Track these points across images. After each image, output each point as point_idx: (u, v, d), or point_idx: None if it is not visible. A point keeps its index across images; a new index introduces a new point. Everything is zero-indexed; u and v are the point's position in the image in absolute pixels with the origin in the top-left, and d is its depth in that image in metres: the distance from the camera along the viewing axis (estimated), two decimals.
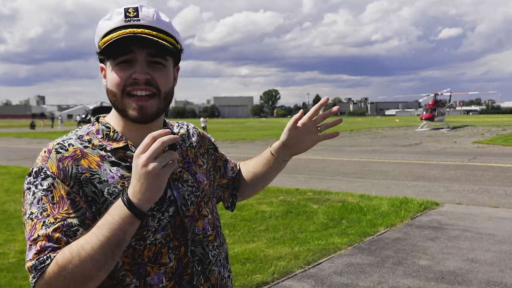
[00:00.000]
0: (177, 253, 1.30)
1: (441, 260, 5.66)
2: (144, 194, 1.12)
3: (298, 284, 4.92)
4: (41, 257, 1.11)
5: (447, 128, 44.68)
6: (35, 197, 1.18)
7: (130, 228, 1.12)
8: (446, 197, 9.85)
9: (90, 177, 1.21)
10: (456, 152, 19.92)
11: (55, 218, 1.15)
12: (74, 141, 1.27)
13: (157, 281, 1.26)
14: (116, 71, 1.26)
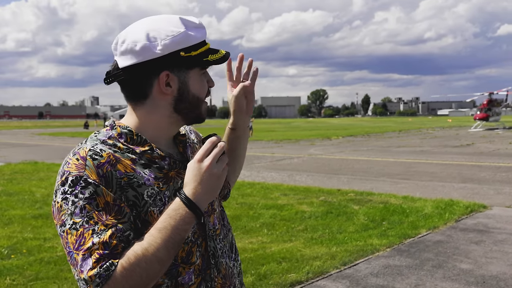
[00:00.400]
0: (201, 250, 1.35)
1: (484, 264, 5.48)
2: (206, 195, 1.21)
3: (332, 284, 4.89)
4: (104, 264, 1.12)
5: (502, 129, 43.03)
6: (76, 206, 1.17)
7: (189, 227, 1.20)
8: (495, 199, 9.50)
9: (128, 181, 1.23)
10: (510, 154, 19.16)
11: (105, 225, 1.16)
12: (103, 146, 1.26)
13: (187, 280, 1.31)
14: (203, 80, 1.37)
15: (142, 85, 1.30)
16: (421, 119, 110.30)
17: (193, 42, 1.30)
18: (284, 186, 11.26)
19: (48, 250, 6.08)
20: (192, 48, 1.30)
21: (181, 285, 1.29)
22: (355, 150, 22.45)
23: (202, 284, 1.34)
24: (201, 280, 1.33)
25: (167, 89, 1.29)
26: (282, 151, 22.04)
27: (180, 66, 1.30)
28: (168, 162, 1.32)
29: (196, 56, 1.30)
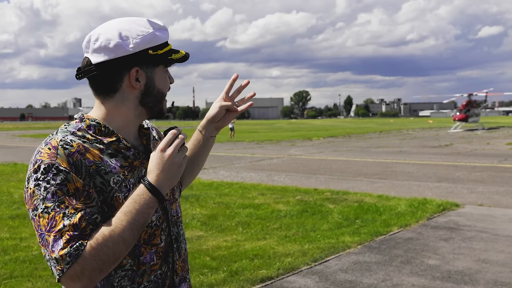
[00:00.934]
0: (166, 234, 1.46)
1: (451, 260, 5.64)
2: (168, 182, 1.33)
3: (302, 279, 5.00)
4: (74, 245, 1.21)
5: (482, 129, 43.73)
6: (48, 191, 1.25)
7: (152, 211, 1.31)
8: (468, 198, 9.72)
9: (96, 169, 1.32)
10: (487, 154, 19.53)
11: (75, 208, 1.25)
12: (73, 137, 1.35)
13: (149, 259, 1.41)
14: (165, 77, 1.49)
15: (113, 79, 1.39)
16: (402, 120, 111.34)
17: (159, 42, 1.42)
18: (262, 186, 11.36)
19: (23, 250, 6.09)
20: (158, 47, 1.42)
21: (143, 264, 1.39)
22: (335, 150, 22.66)
23: (163, 265, 1.44)
24: (162, 262, 1.44)
25: (136, 84, 1.40)
26: (263, 151, 22.15)
27: (148, 63, 1.41)
28: (133, 153, 1.42)
29: (162, 55, 1.42)
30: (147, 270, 1.40)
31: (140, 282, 1.39)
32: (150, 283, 1.41)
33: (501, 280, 4.95)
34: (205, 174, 13.97)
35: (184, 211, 8.36)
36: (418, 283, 4.89)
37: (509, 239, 6.53)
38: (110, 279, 1.36)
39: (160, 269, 1.44)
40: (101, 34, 1.38)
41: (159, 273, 1.43)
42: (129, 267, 1.37)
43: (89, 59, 1.39)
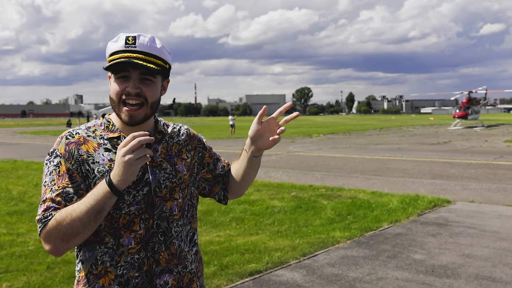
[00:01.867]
0: (146, 224, 1.63)
1: (436, 255, 5.79)
2: (121, 177, 1.48)
3: (289, 273, 5.15)
4: (46, 213, 1.52)
5: (481, 127, 43.83)
6: (49, 170, 1.61)
7: (109, 201, 1.50)
8: (460, 195, 9.86)
9: (86, 158, 1.60)
10: (483, 151, 19.66)
11: (58, 186, 1.56)
12: (82, 130, 1.67)
13: (127, 243, 1.61)
14: (117, 83, 1.62)
15: None
16: (404, 117, 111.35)
17: (109, 51, 1.65)
18: (258, 182, 11.51)
19: (20, 245, 6.25)
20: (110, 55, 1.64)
21: (121, 245, 1.61)
22: (333, 147, 22.80)
23: (141, 251, 1.62)
24: (141, 248, 1.62)
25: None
26: None
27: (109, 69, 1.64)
28: None
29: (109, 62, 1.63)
30: (124, 252, 1.60)
31: (117, 261, 1.60)
32: (127, 263, 1.61)
33: (482, 274, 5.09)
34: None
35: None
36: (401, 276, 5.03)
37: (495, 235, 6.67)
38: (94, 252, 1.62)
39: (138, 254, 1.61)
40: None
41: (136, 257, 1.61)
42: (110, 246, 1.60)
43: None
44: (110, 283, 1.61)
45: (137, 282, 1.62)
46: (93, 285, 1.63)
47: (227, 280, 4.88)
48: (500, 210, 8.39)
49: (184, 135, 1.82)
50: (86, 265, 1.64)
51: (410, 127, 48.71)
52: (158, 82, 1.66)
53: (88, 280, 1.64)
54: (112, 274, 1.61)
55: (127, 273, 1.61)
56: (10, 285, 4.76)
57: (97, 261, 1.62)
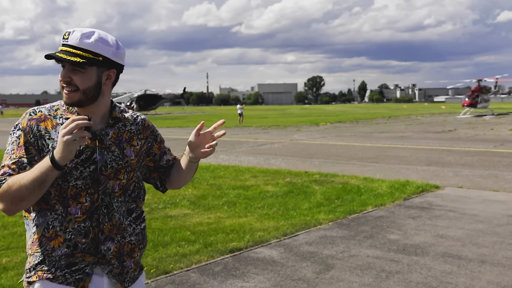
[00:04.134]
0: (92, 198, 1.90)
1: (411, 235, 6.11)
2: (61, 155, 1.72)
3: (268, 251, 5.51)
4: (1, 178, 1.80)
5: (490, 115, 43.65)
6: (11, 140, 1.89)
7: (51, 174, 1.74)
8: (451, 181, 10.13)
9: (44, 134, 1.86)
10: (486, 139, 19.79)
11: (16, 155, 1.85)
12: (45, 109, 1.92)
13: (74, 212, 1.88)
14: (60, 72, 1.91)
15: None
16: (415, 106, 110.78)
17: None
18: (256, 169, 11.87)
19: (21, 225, 6.67)
20: None
21: (69, 213, 1.88)
22: (338, 135, 23.06)
23: (87, 220, 1.91)
24: (86, 217, 1.91)
25: None
26: (267, 136, 22.62)
27: None
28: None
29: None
30: (72, 219, 1.89)
31: (66, 227, 1.88)
32: (74, 230, 1.89)
33: (450, 252, 5.41)
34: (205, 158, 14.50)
35: (177, 192, 8.90)
36: (372, 254, 5.37)
37: (473, 217, 6.96)
38: (46, 218, 1.88)
39: (84, 223, 1.90)
40: None
41: (82, 225, 1.90)
42: (60, 213, 1.88)
43: None
44: (60, 245, 1.88)
45: (84, 248, 1.90)
46: (45, 246, 1.89)
47: (208, 257, 5.26)
48: (485, 195, 8.66)
49: (139, 124, 2.08)
50: (39, 229, 1.89)
51: (419, 115, 48.65)
52: (90, 72, 1.88)
53: (41, 242, 1.89)
54: (62, 238, 1.88)
55: (74, 238, 1.88)
56: (9, 260, 5.18)
57: (48, 225, 1.88)
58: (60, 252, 1.89)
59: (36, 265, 1.91)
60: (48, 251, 1.89)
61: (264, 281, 4.60)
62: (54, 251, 1.89)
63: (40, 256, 1.90)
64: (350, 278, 4.64)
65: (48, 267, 1.89)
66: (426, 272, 4.78)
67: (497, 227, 6.46)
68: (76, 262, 1.90)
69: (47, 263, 1.89)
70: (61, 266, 1.89)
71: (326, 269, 4.90)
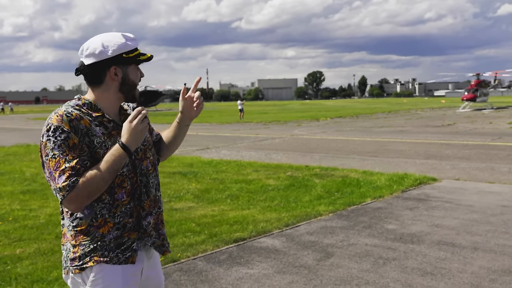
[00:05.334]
0: (132, 181, 2.15)
1: (408, 225, 6.34)
2: (133, 142, 2.00)
3: (270, 240, 5.75)
4: (72, 179, 1.90)
5: (490, 109, 43.86)
6: (55, 144, 1.94)
7: (123, 161, 2.00)
8: (448, 173, 10.36)
9: (87, 132, 2.01)
10: (484, 133, 20.02)
11: (73, 156, 1.94)
12: (74, 109, 2.05)
13: (120, 197, 2.10)
14: (136, 72, 2.17)
15: (99, 74, 2.11)
16: (416, 100, 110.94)
17: (129, 48, 2.15)
18: (257, 163, 12.11)
19: (32, 218, 6.92)
20: (130, 52, 2.15)
21: (116, 200, 2.09)
22: (338, 130, 23.29)
23: (131, 202, 2.15)
24: (130, 199, 2.14)
25: (115, 77, 2.15)
26: (267, 132, 22.86)
27: (122, 63, 2.15)
28: (112, 125, 2.11)
29: (132, 57, 2.16)
30: (119, 204, 2.12)
31: (114, 212, 2.11)
32: (122, 213, 2.13)
33: (444, 240, 5.65)
34: (207, 153, 14.76)
35: (181, 186, 9.15)
36: (371, 242, 5.61)
37: (468, 208, 7.20)
38: (93, 208, 2.06)
39: (129, 204, 2.15)
40: (90, 45, 2.10)
41: (128, 207, 2.14)
42: (107, 201, 2.09)
43: (83, 62, 2.14)
44: (109, 230, 2.07)
45: (130, 226, 2.13)
46: (94, 234, 2.06)
47: (213, 246, 5.50)
48: (481, 186, 8.89)
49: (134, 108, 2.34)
50: (85, 221, 2.06)
51: (419, 110, 48.86)
52: None
53: (88, 231, 2.06)
54: (111, 223, 2.08)
55: (123, 220, 2.10)
56: (23, 251, 5.42)
57: (96, 215, 2.05)
58: (111, 236, 2.09)
59: (89, 252, 2.07)
60: (98, 238, 2.08)
61: (267, 268, 4.84)
62: (104, 236, 2.08)
63: (90, 244, 2.07)
64: (349, 265, 4.88)
65: (102, 252, 2.08)
66: (421, 259, 5.02)
67: (490, 216, 6.70)
68: (124, 241, 2.12)
69: (100, 249, 2.08)
70: (112, 248, 2.09)
71: (326, 257, 5.14)
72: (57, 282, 4.42)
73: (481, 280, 4.44)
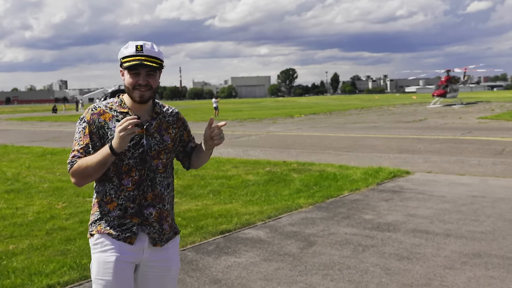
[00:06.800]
0: (140, 173, 2.44)
1: (384, 215, 6.70)
2: (117, 145, 2.27)
3: (255, 232, 6.03)
4: (73, 159, 2.36)
5: (459, 104, 45.01)
6: (78, 130, 2.42)
7: (110, 158, 2.30)
8: (421, 167, 10.80)
9: (104, 125, 2.40)
10: (454, 127, 20.69)
11: (83, 142, 2.39)
12: (103, 105, 2.46)
13: (126, 183, 2.42)
14: (131, 77, 2.40)
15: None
16: (387, 97, 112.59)
17: (124, 55, 2.43)
18: (236, 159, 12.36)
19: (20, 216, 7.03)
20: (125, 58, 2.42)
21: (123, 184, 2.42)
22: (312, 127, 23.70)
23: (136, 190, 2.44)
24: (135, 188, 2.44)
25: (123, 80, 2.47)
26: (243, 129, 23.12)
27: (122, 67, 2.45)
28: None
29: (124, 63, 2.43)
30: (124, 189, 2.43)
31: (119, 195, 2.43)
32: (125, 197, 2.43)
33: (419, 228, 6.01)
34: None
35: None
36: (350, 231, 5.94)
37: (440, 199, 7.60)
38: (105, 187, 2.45)
39: (133, 191, 2.44)
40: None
41: (131, 194, 2.44)
42: (115, 184, 2.44)
43: None
44: (114, 209, 2.43)
45: (132, 211, 2.43)
46: (103, 207, 2.45)
47: (201, 238, 5.74)
48: (452, 178, 9.34)
49: (174, 116, 2.60)
50: (99, 195, 2.47)
51: (391, 106, 49.78)
52: (158, 74, 2.47)
53: (100, 204, 2.47)
54: (115, 203, 2.43)
55: (125, 203, 2.42)
56: (16, 247, 5.57)
57: (106, 193, 2.44)
58: (114, 214, 2.44)
59: (96, 220, 2.47)
60: (105, 211, 2.45)
61: (254, 256, 5.11)
62: (109, 212, 2.45)
63: (98, 215, 2.48)
64: (330, 252, 5.19)
65: (105, 224, 2.45)
66: (397, 245, 5.37)
67: (461, 206, 7.11)
68: (125, 222, 2.44)
69: (104, 221, 2.45)
70: (114, 225, 2.43)
71: (308, 245, 5.44)
72: (55, 274, 4.61)
73: (454, 262, 4.80)
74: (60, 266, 4.83)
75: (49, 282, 4.40)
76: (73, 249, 5.43)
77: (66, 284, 4.41)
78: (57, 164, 12.40)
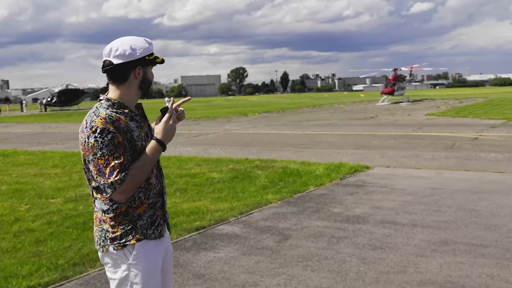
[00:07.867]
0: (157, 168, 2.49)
1: (352, 208, 6.91)
2: (169, 139, 2.37)
3: (229, 227, 6.09)
4: (122, 174, 2.19)
5: (406, 102, 46.46)
6: (103, 144, 2.19)
7: (159, 155, 2.35)
8: (379, 162, 11.15)
9: (126, 129, 2.28)
10: (405, 124, 21.39)
11: (119, 153, 2.21)
12: (111, 111, 2.29)
13: (153, 181, 2.42)
14: (152, 72, 2.48)
15: (125, 73, 2.37)
16: (336, 95, 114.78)
17: (150, 52, 2.45)
18: (198, 158, 12.35)
19: None
20: (150, 55, 2.44)
21: (150, 184, 2.41)
22: (268, 125, 23.92)
23: (158, 183, 2.48)
24: (158, 182, 2.47)
25: (138, 76, 2.44)
26: (199, 128, 23.05)
27: (145, 64, 2.44)
28: (138, 118, 2.40)
29: (152, 59, 2.46)
30: (152, 187, 2.43)
31: (149, 194, 2.42)
32: (154, 194, 2.45)
33: (386, 219, 6.25)
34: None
35: None
36: (322, 224, 6.10)
37: (401, 191, 7.90)
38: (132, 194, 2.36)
39: (158, 186, 2.48)
40: (120, 46, 2.35)
41: (157, 189, 2.48)
42: (143, 186, 2.39)
43: (110, 61, 2.36)
44: (145, 210, 2.38)
45: (159, 205, 2.47)
46: (132, 214, 2.35)
47: (177, 235, 5.76)
48: (410, 172, 9.71)
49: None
50: (125, 204, 2.32)
51: (341, 104, 50.82)
52: None
53: (127, 213, 2.34)
54: (146, 204, 2.39)
55: (155, 200, 2.44)
56: None
57: (134, 198, 2.34)
58: (147, 215, 2.40)
59: (130, 230, 2.35)
60: (136, 217, 2.36)
61: (233, 251, 5.18)
62: (141, 216, 2.38)
63: (129, 224, 2.35)
64: (306, 244, 5.33)
65: (141, 230, 2.37)
66: (369, 236, 5.57)
67: (422, 198, 7.42)
68: (155, 219, 2.45)
69: (139, 227, 2.37)
70: (148, 226, 2.40)
71: (284, 239, 5.56)
72: (33, 276, 4.51)
73: (424, 250, 5.04)
74: (36, 267, 4.73)
75: (28, 283, 4.32)
76: (46, 250, 5.32)
77: (47, 284, 4.34)
78: (11, 166, 12.01)
